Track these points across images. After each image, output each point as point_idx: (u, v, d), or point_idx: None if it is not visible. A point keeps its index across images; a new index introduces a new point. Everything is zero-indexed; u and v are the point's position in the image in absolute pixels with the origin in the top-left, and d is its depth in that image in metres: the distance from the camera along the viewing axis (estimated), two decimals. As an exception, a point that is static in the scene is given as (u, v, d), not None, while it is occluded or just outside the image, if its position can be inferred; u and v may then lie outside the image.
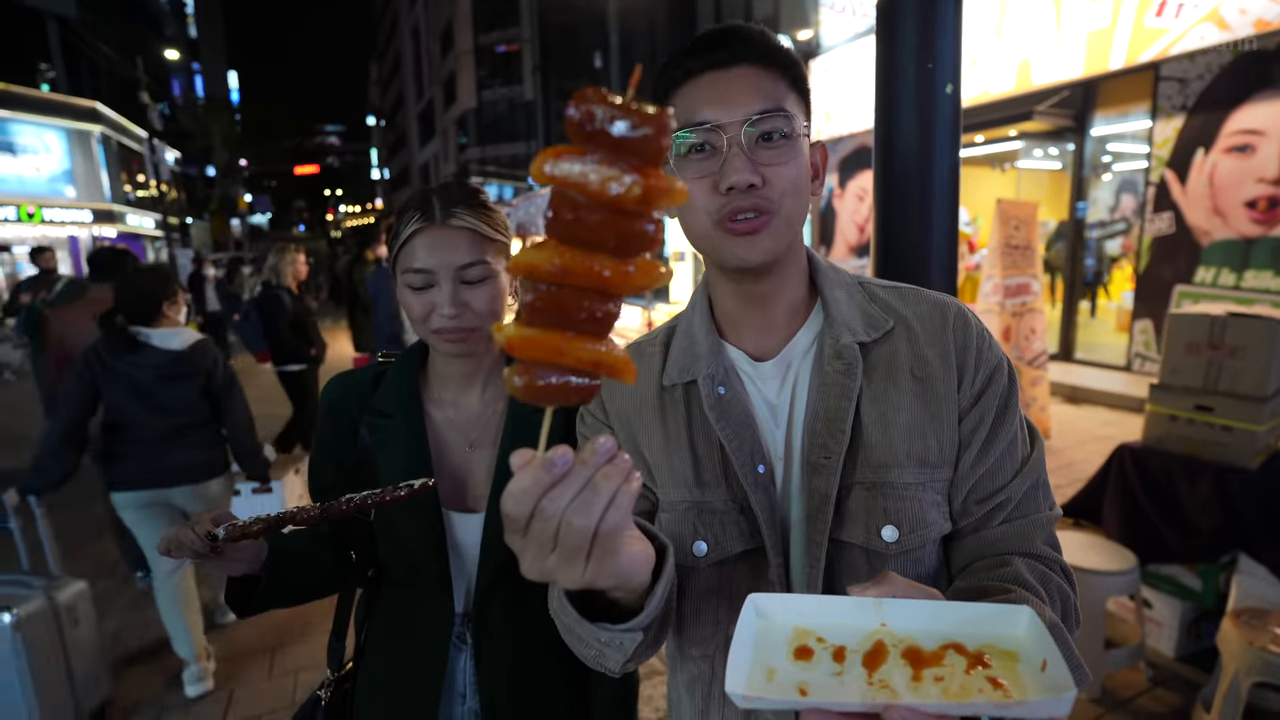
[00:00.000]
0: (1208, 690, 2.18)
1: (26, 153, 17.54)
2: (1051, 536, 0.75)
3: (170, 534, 0.85)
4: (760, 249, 0.72)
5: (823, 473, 0.72)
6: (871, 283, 0.82)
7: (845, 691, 0.50)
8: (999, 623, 0.53)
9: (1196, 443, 2.47)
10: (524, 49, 25.95)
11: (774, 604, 0.57)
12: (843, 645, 0.54)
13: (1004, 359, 0.76)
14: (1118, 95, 6.62)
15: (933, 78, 1.29)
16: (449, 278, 0.94)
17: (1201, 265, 5.84)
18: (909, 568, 0.73)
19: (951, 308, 0.77)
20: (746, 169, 0.69)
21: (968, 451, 0.73)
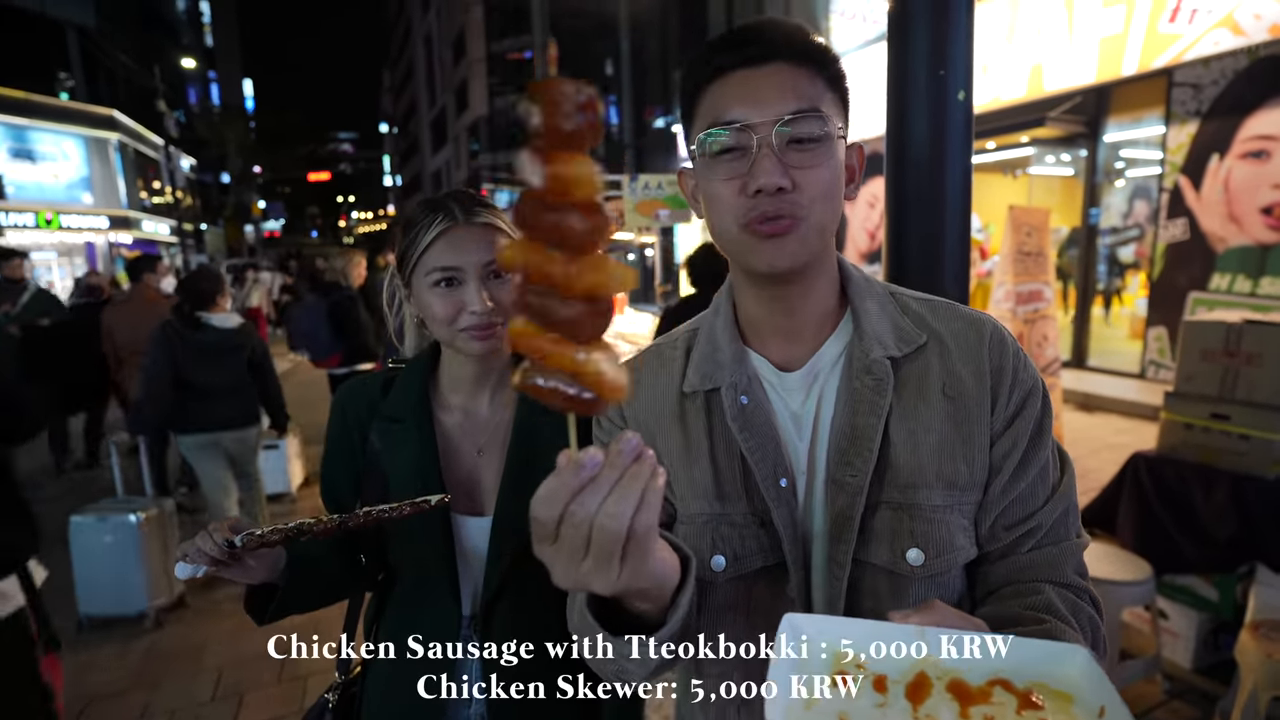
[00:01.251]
0: (1225, 703, 2.14)
1: (45, 160, 17.82)
2: (1081, 564, 0.73)
3: (188, 543, 0.86)
4: (788, 254, 0.69)
5: (847, 491, 0.70)
6: (904, 294, 0.79)
7: None
8: (1051, 661, 0.50)
9: (1212, 451, 2.44)
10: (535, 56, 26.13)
11: (811, 625, 0.55)
12: (884, 674, 0.52)
13: (1039, 382, 0.73)
14: (1131, 101, 6.58)
15: (945, 84, 1.29)
16: (476, 274, 0.96)
17: (1216, 272, 5.77)
18: (933, 591, 0.70)
19: (988, 326, 0.75)
20: (776, 171, 0.66)
21: (999, 476, 0.71)
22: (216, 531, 0.85)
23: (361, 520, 0.87)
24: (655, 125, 17.60)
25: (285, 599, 0.95)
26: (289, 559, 0.95)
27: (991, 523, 0.72)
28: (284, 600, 0.95)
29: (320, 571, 1.02)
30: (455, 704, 1.03)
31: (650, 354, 0.86)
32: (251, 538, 0.85)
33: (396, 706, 1.03)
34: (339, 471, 1.07)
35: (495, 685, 1.01)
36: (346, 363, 4.78)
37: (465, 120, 33.73)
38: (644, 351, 0.87)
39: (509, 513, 1.00)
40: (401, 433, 1.01)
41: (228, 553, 0.85)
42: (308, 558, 1.00)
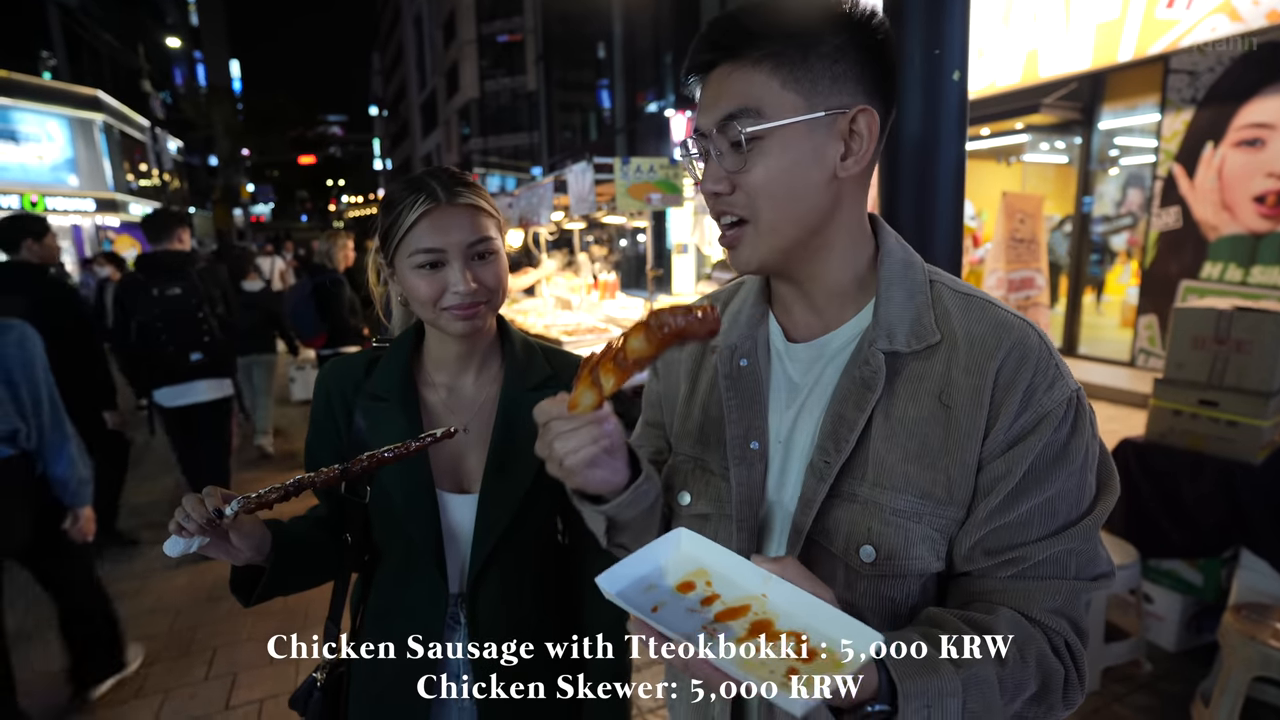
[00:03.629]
0: (1207, 684, 2.18)
1: (29, 141, 17.51)
2: (1069, 606, 0.66)
3: (179, 511, 0.84)
4: (743, 259, 0.72)
5: (816, 474, 0.71)
6: (944, 285, 0.74)
7: (679, 624, 0.55)
8: (850, 635, 0.52)
9: (1201, 437, 2.46)
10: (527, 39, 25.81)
11: (696, 545, 0.63)
12: (719, 594, 0.59)
13: (1067, 404, 0.66)
14: (1126, 88, 6.56)
15: (940, 64, 1.27)
16: (459, 255, 0.95)
17: (1208, 260, 5.80)
18: (885, 590, 0.69)
19: (1011, 335, 0.67)
20: (709, 177, 0.70)
21: (986, 500, 0.66)
22: (209, 497, 0.83)
23: (365, 464, 0.87)
24: (648, 110, 17.44)
25: (272, 580, 0.94)
26: (275, 539, 0.94)
27: (972, 545, 0.67)
28: (270, 581, 0.94)
29: (307, 552, 1.01)
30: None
31: (710, 298, 0.92)
32: (249, 501, 0.84)
33: (384, 683, 1.03)
34: (323, 448, 1.06)
35: (482, 660, 1.02)
36: (331, 344, 4.77)
37: (456, 103, 33.34)
38: (709, 295, 0.93)
39: (495, 490, 1.00)
40: (386, 411, 1.01)
41: (215, 520, 0.83)
42: (294, 538, 0.98)
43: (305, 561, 1.01)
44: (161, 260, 3.35)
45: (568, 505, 1.10)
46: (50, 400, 2.09)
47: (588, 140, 22.08)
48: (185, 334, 3.35)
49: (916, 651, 0.59)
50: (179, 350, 3.33)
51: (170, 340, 3.31)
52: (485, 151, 30.33)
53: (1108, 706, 2.25)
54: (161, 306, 3.28)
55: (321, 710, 1.05)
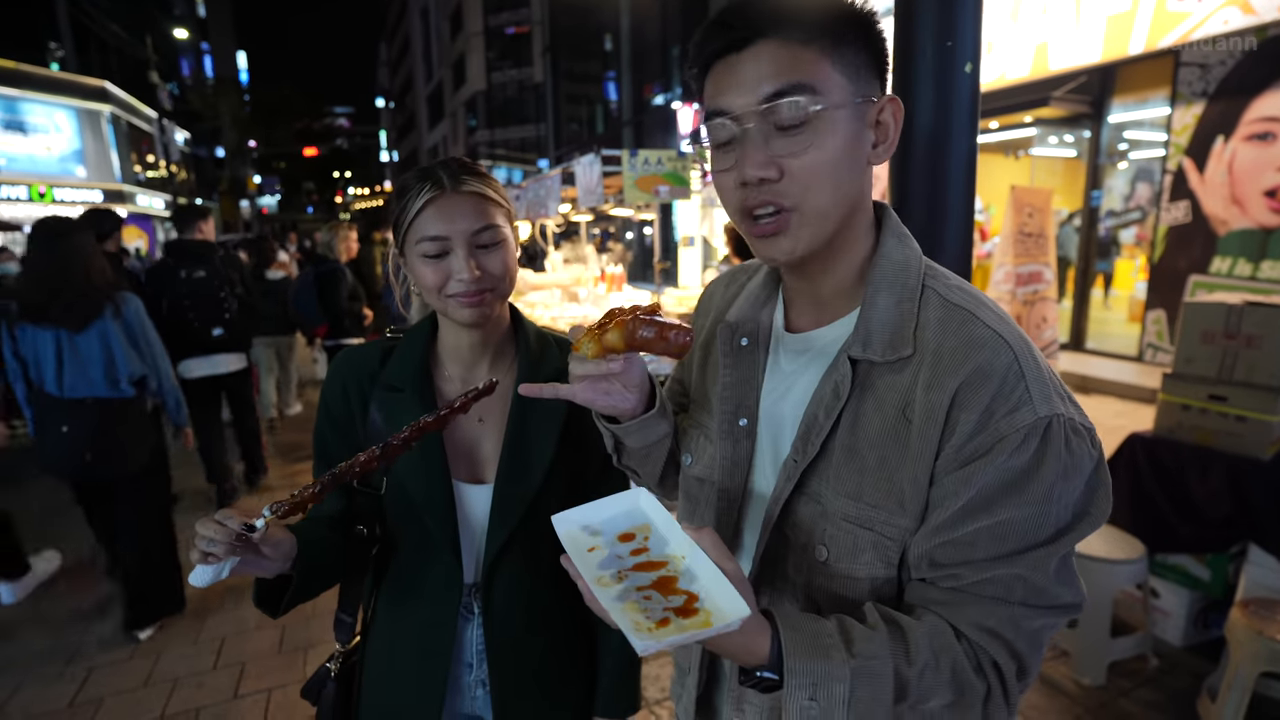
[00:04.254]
0: (1213, 679, 2.18)
1: (37, 132, 17.57)
2: (1003, 628, 0.64)
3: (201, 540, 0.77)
4: (781, 250, 0.69)
5: (787, 475, 0.73)
6: (937, 292, 0.70)
7: (597, 568, 0.65)
8: (729, 604, 0.58)
9: (1209, 432, 2.45)
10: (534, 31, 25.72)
11: (650, 505, 0.71)
12: (648, 549, 0.67)
13: (1023, 433, 0.61)
14: (1137, 81, 6.50)
15: (952, 56, 1.26)
16: (464, 243, 0.95)
17: (1218, 255, 5.75)
18: (837, 588, 0.71)
19: (980, 354, 0.64)
20: (756, 162, 0.65)
21: (934, 514, 0.65)
22: (229, 519, 0.78)
23: (406, 436, 0.85)
24: (655, 102, 17.37)
25: (299, 587, 0.91)
26: (300, 545, 0.90)
27: (920, 554, 0.67)
28: (299, 588, 0.91)
29: (326, 553, 0.99)
30: (457, 669, 1.04)
31: (729, 273, 0.95)
32: (281, 506, 0.80)
33: (399, 673, 1.04)
34: (334, 437, 1.06)
35: (497, 650, 1.03)
36: (332, 334, 4.82)
37: (463, 95, 33.28)
38: (727, 270, 0.98)
39: (510, 479, 1.00)
40: (402, 401, 1.01)
41: (246, 538, 0.79)
42: (314, 540, 0.96)
43: (326, 563, 0.99)
44: (188, 247, 3.73)
45: (579, 495, 1.11)
46: (160, 350, 2.79)
47: (594, 133, 22.02)
48: (208, 312, 3.73)
49: (818, 634, 0.62)
50: (202, 326, 3.72)
51: (195, 317, 3.69)
52: (492, 144, 30.28)
53: (1114, 701, 2.26)
54: (188, 287, 3.67)
55: (335, 700, 1.06)
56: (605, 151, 4.25)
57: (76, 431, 2.57)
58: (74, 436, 2.57)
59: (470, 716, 1.08)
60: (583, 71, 22.54)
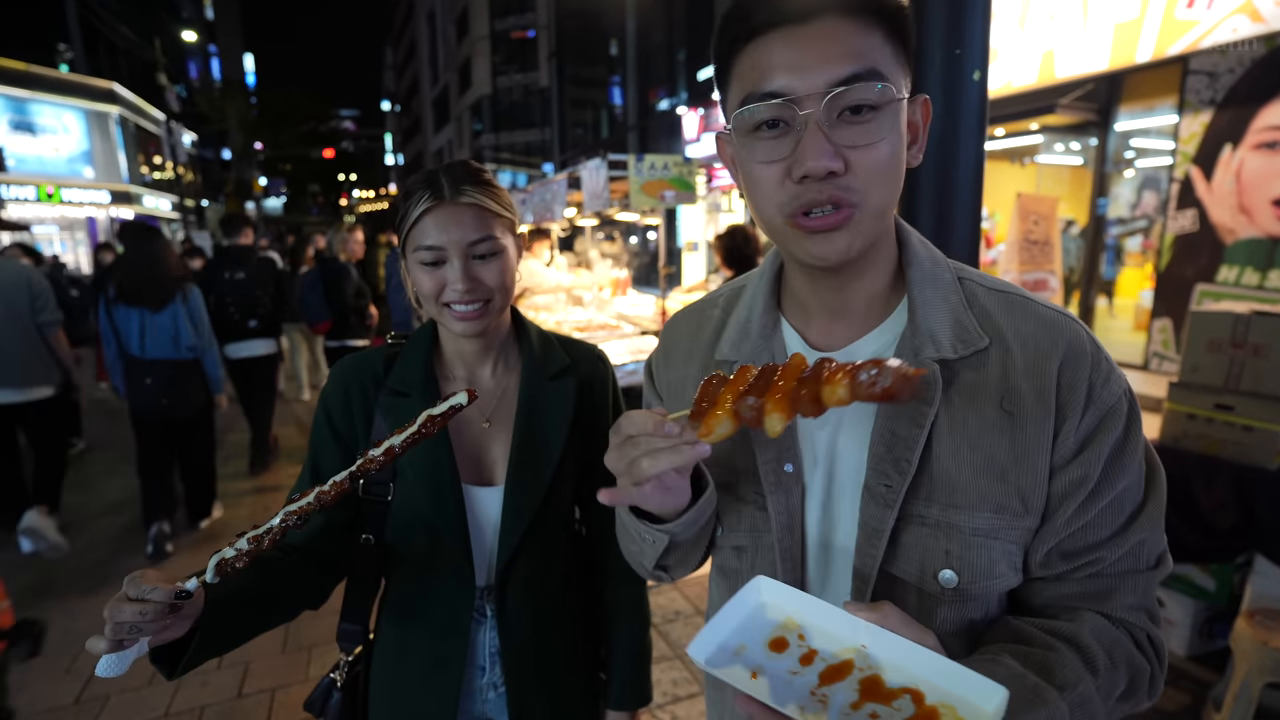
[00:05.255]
0: (1218, 690, 2.17)
1: (45, 133, 17.70)
2: (1145, 598, 0.65)
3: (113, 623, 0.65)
4: (838, 249, 0.61)
5: (879, 501, 0.64)
6: (974, 281, 0.69)
7: (785, 693, 0.51)
8: (971, 690, 0.49)
9: (1215, 442, 2.44)
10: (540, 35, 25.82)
11: (778, 593, 0.60)
12: (816, 650, 0.55)
13: (1123, 397, 0.63)
14: (1144, 89, 6.50)
15: (961, 64, 1.27)
16: (459, 254, 0.95)
17: (1224, 264, 5.74)
18: (964, 612, 0.65)
19: (1064, 333, 0.64)
20: (825, 154, 0.57)
21: (1063, 506, 0.63)
22: (152, 592, 0.66)
23: (382, 460, 0.76)
24: (660, 108, 17.42)
25: (205, 645, 0.77)
26: (215, 599, 0.78)
27: (1047, 551, 0.64)
28: (202, 646, 0.77)
29: (253, 596, 0.86)
30: (469, 673, 1.04)
31: (690, 312, 0.84)
32: (227, 563, 0.69)
33: (411, 681, 1.03)
34: (330, 442, 1.04)
35: (510, 653, 1.03)
36: (336, 334, 4.89)
37: (468, 99, 33.41)
38: (685, 309, 0.86)
39: (520, 481, 1.01)
40: (408, 406, 1.01)
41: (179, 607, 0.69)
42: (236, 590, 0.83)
43: (252, 611, 0.86)
44: (231, 252, 4.52)
45: (585, 496, 1.11)
46: (209, 331, 3.64)
47: (599, 137, 22.07)
48: (246, 306, 4.46)
49: (1014, 678, 0.56)
50: (241, 318, 4.46)
51: (235, 310, 4.42)
52: (497, 148, 30.37)
53: (1117, 710, 2.25)
54: (230, 286, 4.41)
55: (341, 710, 1.05)
56: (612, 156, 4.27)
57: (155, 383, 3.48)
58: (154, 387, 3.48)
59: (482, 718, 1.08)
60: (588, 76, 22.60)
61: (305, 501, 0.74)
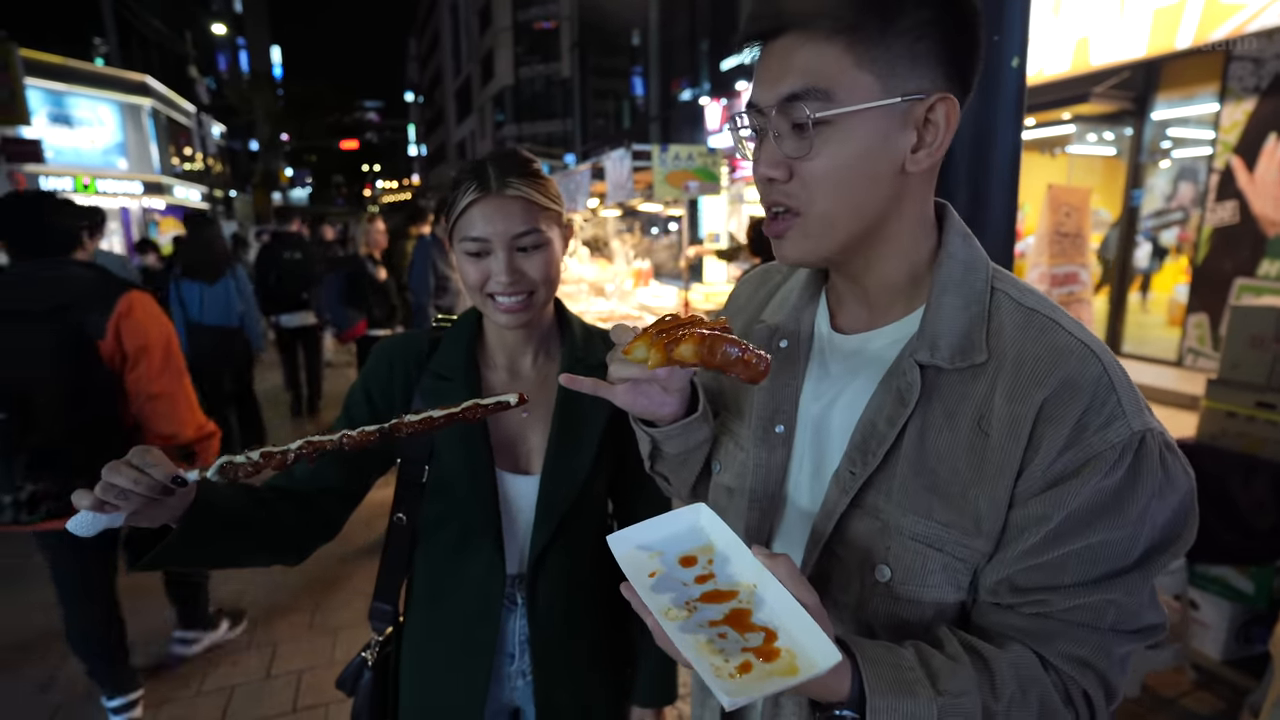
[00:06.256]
0: (1255, 696, 2.11)
1: (82, 125, 18.10)
2: (1096, 655, 0.61)
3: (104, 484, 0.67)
4: (791, 251, 0.67)
5: (840, 487, 0.68)
6: (1009, 294, 0.66)
7: (662, 598, 0.60)
8: (815, 646, 0.54)
9: (1255, 440, 2.37)
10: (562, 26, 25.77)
11: (711, 522, 0.67)
12: (714, 574, 0.63)
13: (1121, 447, 0.57)
14: (1183, 76, 6.30)
15: (1000, 51, 1.23)
16: (504, 246, 0.96)
17: (1266, 258, 5.56)
18: (894, 609, 0.66)
19: (1067, 363, 0.60)
20: (765, 162, 0.64)
21: (1018, 541, 0.61)
22: (152, 468, 0.69)
23: (417, 426, 0.76)
24: (682, 98, 17.30)
25: (176, 548, 0.79)
26: (196, 505, 0.79)
27: (999, 579, 0.63)
28: (173, 549, 0.79)
29: (237, 523, 0.87)
30: (499, 659, 1.05)
31: (759, 273, 0.91)
32: (236, 469, 0.70)
33: (441, 665, 1.05)
34: (363, 406, 1.04)
35: (540, 640, 1.04)
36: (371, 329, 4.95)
37: (491, 90, 33.50)
38: (756, 269, 0.93)
39: (557, 470, 1.01)
40: (450, 390, 1.02)
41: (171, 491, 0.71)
42: (225, 503, 0.86)
43: (229, 533, 0.87)
44: (286, 237, 5.59)
45: (619, 489, 1.12)
46: (253, 301, 4.44)
47: (621, 128, 22.01)
48: (297, 283, 5.41)
49: (898, 667, 0.57)
50: (293, 292, 5.40)
51: (290, 286, 5.36)
52: (519, 138, 30.44)
53: (1148, 715, 2.21)
54: (286, 265, 5.35)
55: (372, 690, 1.07)
56: (636, 146, 4.25)
57: (213, 342, 4.19)
58: (212, 345, 4.18)
59: (509, 706, 1.10)
60: (610, 66, 22.54)
61: (326, 438, 0.75)
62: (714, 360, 0.62)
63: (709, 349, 0.62)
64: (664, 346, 0.64)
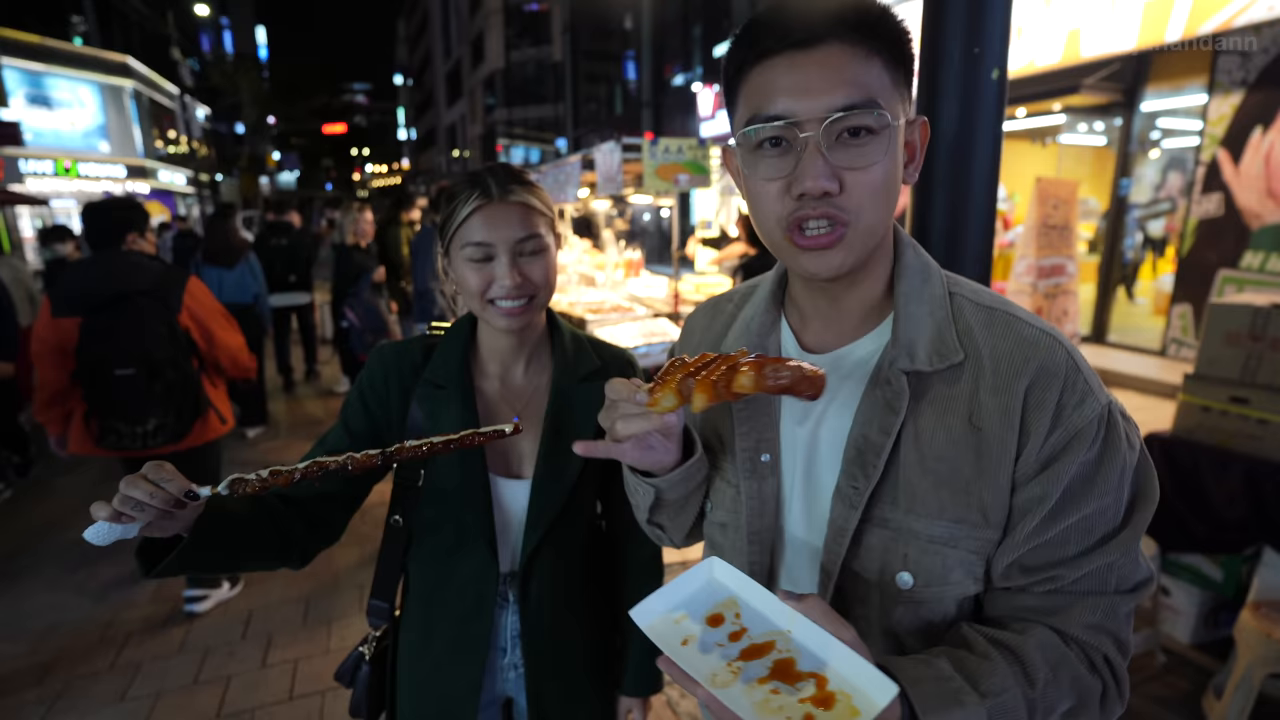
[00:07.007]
0: (1220, 678, 2.20)
1: (61, 107, 17.74)
2: (1108, 619, 0.66)
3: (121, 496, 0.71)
4: (831, 265, 0.66)
5: (846, 503, 0.68)
6: (965, 296, 0.71)
7: (703, 663, 0.57)
8: (869, 683, 0.53)
9: (1229, 434, 2.44)
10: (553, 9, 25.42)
11: (727, 574, 0.65)
12: (746, 629, 0.61)
13: (1097, 420, 0.63)
14: (1172, 69, 6.33)
15: (979, 63, 1.26)
16: (507, 250, 0.98)
17: (1249, 250, 5.64)
18: (919, 612, 0.68)
19: (1039, 353, 0.65)
20: (823, 174, 0.61)
21: (1023, 523, 0.65)
22: (167, 482, 0.72)
23: (422, 450, 0.79)
24: (675, 83, 17.16)
25: (186, 555, 0.82)
26: (213, 514, 0.84)
27: (1009, 563, 0.66)
28: (184, 556, 0.82)
29: (242, 531, 0.91)
30: (491, 655, 1.09)
31: (709, 305, 0.92)
32: (244, 485, 0.73)
33: (436, 660, 1.09)
34: (363, 422, 1.07)
35: (531, 637, 1.08)
36: None
37: (481, 73, 33.06)
38: (705, 302, 0.93)
39: (547, 475, 1.05)
40: (444, 398, 1.05)
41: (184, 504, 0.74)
42: (231, 512, 0.89)
43: (238, 541, 0.90)
44: (278, 225, 5.97)
45: (607, 492, 1.16)
46: (264, 283, 4.96)
47: (613, 113, 21.83)
48: (287, 266, 5.86)
49: (940, 680, 0.59)
50: (283, 274, 5.85)
51: (282, 269, 5.82)
52: (510, 123, 30.13)
53: (1118, 697, 2.29)
54: (276, 251, 5.80)
55: (370, 682, 1.12)
56: (626, 140, 4.25)
57: None
58: None
59: (502, 697, 1.14)
60: (602, 51, 22.27)
61: (332, 459, 0.79)
62: (777, 384, 0.60)
63: (771, 375, 0.60)
64: (711, 386, 0.61)
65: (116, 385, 2.45)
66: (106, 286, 2.48)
